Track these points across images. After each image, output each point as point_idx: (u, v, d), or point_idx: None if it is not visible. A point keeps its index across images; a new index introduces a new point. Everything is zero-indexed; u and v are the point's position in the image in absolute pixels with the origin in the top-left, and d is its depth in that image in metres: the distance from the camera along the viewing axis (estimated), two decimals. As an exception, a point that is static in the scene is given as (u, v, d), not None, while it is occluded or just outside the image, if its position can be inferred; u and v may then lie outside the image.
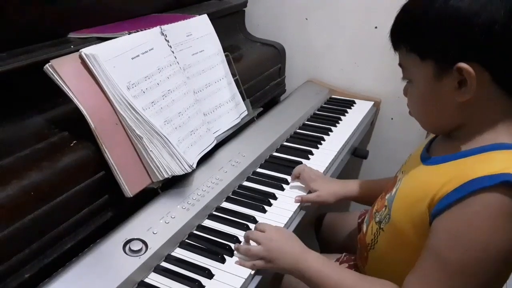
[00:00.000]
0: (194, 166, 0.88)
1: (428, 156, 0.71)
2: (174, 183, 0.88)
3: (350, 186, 0.97)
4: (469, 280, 0.58)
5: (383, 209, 0.74)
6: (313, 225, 1.18)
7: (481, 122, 0.63)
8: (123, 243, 0.73)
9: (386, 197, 0.75)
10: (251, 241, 0.78)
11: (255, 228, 0.81)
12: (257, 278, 0.75)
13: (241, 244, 0.80)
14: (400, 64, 0.69)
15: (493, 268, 0.58)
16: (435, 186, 0.61)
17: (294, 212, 0.90)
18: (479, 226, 0.57)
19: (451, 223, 0.59)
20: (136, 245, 0.72)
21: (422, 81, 0.65)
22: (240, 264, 0.75)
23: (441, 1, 0.59)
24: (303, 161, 1.08)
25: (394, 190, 0.74)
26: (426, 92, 0.65)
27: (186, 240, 0.81)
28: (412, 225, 0.66)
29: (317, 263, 0.72)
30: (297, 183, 0.99)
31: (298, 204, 0.93)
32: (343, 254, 0.94)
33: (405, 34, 0.66)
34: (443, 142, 0.71)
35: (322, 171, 1.04)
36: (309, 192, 0.96)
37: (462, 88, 0.60)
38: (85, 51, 0.76)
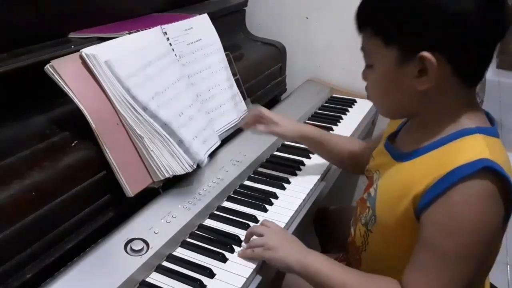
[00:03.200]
0: (205, 162, 0.89)
1: (397, 151, 0.71)
2: (175, 183, 0.88)
3: (307, 128, 1.00)
4: (467, 263, 0.60)
5: (367, 211, 0.74)
6: (312, 222, 1.18)
7: (441, 111, 0.64)
8: (124, 242, 0.73)
9: (366, 198, 0.75)
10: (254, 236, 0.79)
11: (260, 224, 0.81)
12: (259, 278, 0.75)
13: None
14: (362, 48, 0.68)
15: (486, 249, 0.61)
16: (415, 181, 0.62)
17: (295, 212, 0.90)
18: (467, 213, 0.58)
19: (439, 215, 0.60)
20: (137, 245, 0.72)
21: (383, 66, 0.65)
22: (240, 254, 0.76)
23: None
24: (304, 160, 1.08)
25: (373, 190, 0.74)
26: (386, 78, 0.66)
27: (188, 240, 0.81)
28: (399, 223, 0.66)
29: (320, 258, 0.71)
30: (298, 184, 0.99)
31: (299, 203, 0.92)
32: (341, 254, 0.94)
33: (373, 15, 0.65)
34: (411, 134, 0.71)
35: (323, 170, 1.04)
36: None
37: (422, 77, 0.61)
38: (86, 51, 0.76)
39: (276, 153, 1.12)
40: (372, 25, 0.64)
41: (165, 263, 0.75)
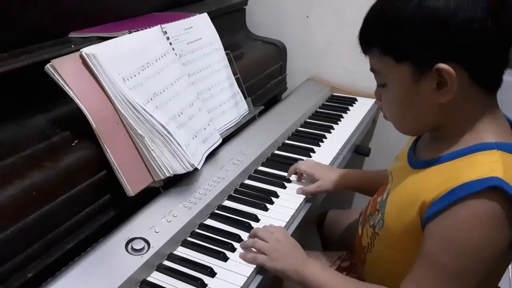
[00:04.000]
0: (201, 164, 0.88)
1: (415, 159, 0.70)
2: (176, 182, 0.88)
3: (350, 175, 0.97)
4: (463, 283, 0.59)
5: (376, 213, 0.74)
6: (315, 222, 1.18)
7: (462, 121, 0.62)
8: (125, 242, 0.73)
9: (378, 201, 0.75)
10: (257, 239, 0.78)
11: (264, 228, 0.80)
12: (259, 277, 0.75)
13: (247, 239, 0.80)
14: (372, 69, 0.67)
15: (485, 270, 0.58)
16: (424, 191, 0.61)
17: (296, 210, 0.90)
18: (470, 232, 0.57)
19: (442, 229, 0.59)
20: (138, 244, 0.72)
21: (398, 85, 0.63)
22: (241, 257, 0.75)
23: (416, 2, 0.58)
24: (305, 159, 1.08)
25: (385, 194, 0.73)
26: (403, 96, 0.64)
27: (188, 239, 0.81)
28: (405, 230, 0.65)
29: (317, 269, 0.72)
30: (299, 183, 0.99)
31: (300, 202, 0.92)
32: (345, 252, 0.94)
33: (377, 36, 0.63)
34: (429, 143, 0.70)
35: (324, 169, 1.04)
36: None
37: (442, 89, 0.59)
38: (86, 50, 0.76)
39: (276, 152, 1.12)
40: (380, 44, 0.62)
41: (166, 262, 0.75)
